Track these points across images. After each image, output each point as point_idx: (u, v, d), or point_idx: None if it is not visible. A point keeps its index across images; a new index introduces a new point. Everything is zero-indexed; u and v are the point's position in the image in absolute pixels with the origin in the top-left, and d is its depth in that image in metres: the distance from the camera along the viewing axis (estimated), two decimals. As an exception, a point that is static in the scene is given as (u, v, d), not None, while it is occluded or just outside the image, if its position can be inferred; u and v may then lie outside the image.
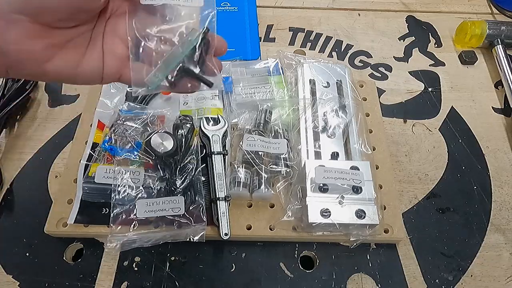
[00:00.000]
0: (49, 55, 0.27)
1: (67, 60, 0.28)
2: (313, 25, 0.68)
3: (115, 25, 0.30)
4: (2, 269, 0.43)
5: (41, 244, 0.44)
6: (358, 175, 0.43)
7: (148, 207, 0.42)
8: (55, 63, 0.28)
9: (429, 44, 0.66)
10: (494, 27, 0.62)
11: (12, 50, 0.26)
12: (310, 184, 0.44)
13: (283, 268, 0.44)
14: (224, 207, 0.43)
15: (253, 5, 0.66)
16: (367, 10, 0.70)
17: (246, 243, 0.45)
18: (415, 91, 0.60)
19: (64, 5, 0.26)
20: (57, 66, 0.28)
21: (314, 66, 0.56)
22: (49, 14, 0.26)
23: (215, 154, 0.45)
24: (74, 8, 0.26)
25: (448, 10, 0.71)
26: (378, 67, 0.63)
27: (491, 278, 0.44)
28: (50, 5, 0.25)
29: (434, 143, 0.54)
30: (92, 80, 0.30)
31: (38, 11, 0.25)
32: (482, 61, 0.64)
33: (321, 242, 0.45)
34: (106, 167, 0.44)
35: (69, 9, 0.26)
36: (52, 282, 0.42)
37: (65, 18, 0.27)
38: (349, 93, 0.53)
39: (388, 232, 0.45)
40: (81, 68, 0.29)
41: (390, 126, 0.56)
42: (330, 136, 0.50)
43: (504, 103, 0.59)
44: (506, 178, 0.52)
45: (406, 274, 0.44)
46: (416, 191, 0.50)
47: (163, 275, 0.43)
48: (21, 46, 0.26)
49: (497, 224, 0.48)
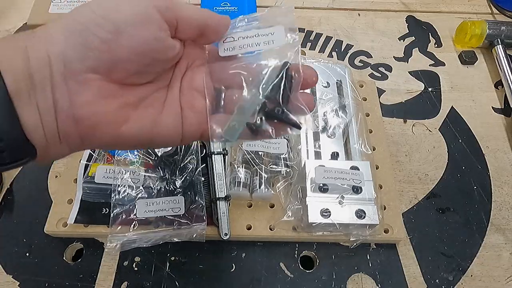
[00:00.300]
0: (124, 116, 0.25)
1: (143, 120, 0.25)
2: (313, 25, 0.68)
3: (192, 79, 0.28)
4: (2, 269, 0.43)
5: (41, 244, 0.44)
6: (358, 175, 0.43)
7: (148, 207, 0.42)
8: (131, 125, 0.25)
9: (429, 44, 0.66)
10: (494, 27, 0.62)
11: (86, 114, 0.23)
12: (310, 184, 0.44)
13: (283, 268, 0.44)
14: (224, 207, 0.43)
15: (253, 5, 0.66)
16: (367, 10, 0.70)
17: (246, 243, 0.45)
18: (415, 91, 0.60)
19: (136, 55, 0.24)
20: (133, 128, 0.25)
21: (314, 66, 0.56)
22: (122, 68, 0.24)
23: (215, 154, 0.45)
24: (147, 58, 0.24)
25: (448, 10, 0.71)
26: (378, 67, 0.63)
27: (491, 278, 0.44)
28: (123, 56, 0.23)
29: (434, 143, 0.54)
30: (171, 140, 0.28)
31: (112, 65, 0.23)
32: (482, 61, 0.64)
33: (321, 242, 0.45)
34: (106, 167, 0.44)
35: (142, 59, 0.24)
36: (52, 282, 0.42)
37: (138, 71, 0.25)
38: (349, 93, 0.53)
39: (388, 232, 0.45)
40: (158, 127, 0.26)
41: (390, 126, 0.56)
42: (330, 136, 0.50)
43: (504, 103, 0.59)
44: (506, 178, 0.52)
45: (406, 274, 0.44)
46: (416, 191, 0.50)
47: (163, 275, 0.43)
48: (95, 108, 0.23)
49: (497, 224, 0.48)
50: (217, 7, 0.65)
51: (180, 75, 0.28)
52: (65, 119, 0.23)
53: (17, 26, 0.65)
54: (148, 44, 0.24)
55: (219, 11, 0.64)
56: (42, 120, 0.22)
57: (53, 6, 0.56)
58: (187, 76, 0.28)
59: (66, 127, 0.23)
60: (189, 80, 0.28)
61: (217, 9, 0.64)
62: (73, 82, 0.22)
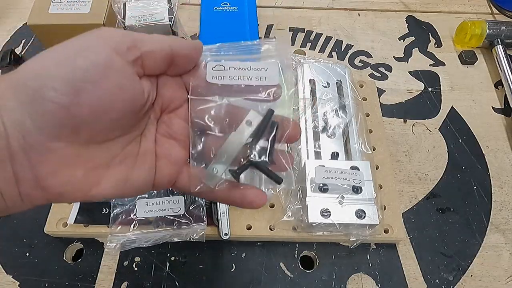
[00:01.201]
0: (94, 179, 0.22)
1: (114, 179, 0.23)
2: (313, 25, 0.68)
3: (169, 125, 0.26)
4: (2, 269, 0.43)
5: (41, 244, 0.44)
6: (358, 175, 0.43)
7: (148, 207, 0.42)
8: (101, 187, 0.23)
9: (429, 44, 0.66)
10: (494, 27, 0.62)
11: (51, 184, 0.21)
12: (310, 184, 0.44)
13: (283, 268, 0.44)
14: (224, 207, 0.43)
15: (253, 5, 0.66)
16: (367, 10, 0.70)
17: (246, 243, 0.45)
18: (415, 91, 0.60)
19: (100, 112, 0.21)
20: (104, 189, 0.23)
21: (314, 66, 0.56)
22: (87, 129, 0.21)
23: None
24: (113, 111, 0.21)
25: (448, 10, 0.71)
26: (378, 67, 0.63)
27: (491, 278, 0.44)
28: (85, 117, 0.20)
29: (434, 143, 0.54)
30: (141, 192, 0.25)
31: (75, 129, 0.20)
32: (482, 61, 0.64)
33: (321, 242, 0.45)
34: (106, 167, 0.44)
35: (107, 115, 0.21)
36: (52, 282, 0.42)
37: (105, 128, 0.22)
38: (349, 93, 0.53)
39: (388, 232, 0.45)
40: (130, 182, 0.24)
41: (390, 126, 0.56)
42: (330, 136, 0.50)
43: (504, 103, 0.59)
44: (506, 178, 0.52)
45: (406, 274, 0.44)
46: (416, 191, 0.50)
47: (163, 275, 0.43)
48: (61, 178, 0.21)
49: (497, 224, 0.48)
50: (217, 7, 0.64)
51: (154, 120, 0.26)
52: (28, 188, 0.21)
53: (17, 26, 0.65)
54: (112, 95, 0.21)
55: (219, 11, 0.64)
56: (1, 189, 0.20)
57: (53, 6, 0.56)
58: (163, 122, 0.26)
59: (30, 193, 0.21)
60: (165, 126, 0.26)
61: (217, 9, 0.64)
62: (34, 153, 0.20)
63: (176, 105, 0.26)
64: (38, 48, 0.60)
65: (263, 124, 0.25)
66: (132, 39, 0.22)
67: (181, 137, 0.26)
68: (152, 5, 0.58)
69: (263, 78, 0.25)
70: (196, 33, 0.63)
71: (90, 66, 0.20)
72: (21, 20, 0.65)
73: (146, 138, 0.25)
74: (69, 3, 0.56)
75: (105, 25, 0.55)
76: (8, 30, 0.64)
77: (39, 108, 0.19)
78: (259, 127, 0.25)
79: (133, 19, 0.56)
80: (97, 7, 0.56)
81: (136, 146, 0.25)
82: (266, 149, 0.25)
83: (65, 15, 0.55)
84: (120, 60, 0.21)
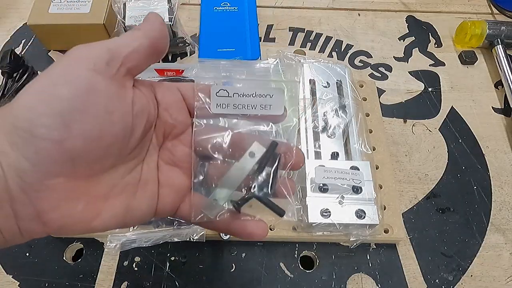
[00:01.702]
0: (94, 211, 0.22)
1: (115, 210, 0.23)
2: (313, 25, 0.68)
3: (173, 152, 0.25)
4: (2, 269, 0.43)
5: (41, 244, 0.44)
6: (358, 175, 0.43)
7: (148, 207, 0.42)
8: (102, 218, 0.22)
9: (429, 44, 0.66)
10: (494, 27, 0.62)
11: (51, 218, 0.21)
12: (310, 184, 0.44)
13: (283, 268, 0.44)
14: (224, 207, 0.43)
15: (253, 5, 0.66)
16: (367, 10, 0.70)
17: (246, 243, 0.45)
18: (415, 91, 0.60)
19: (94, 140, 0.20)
20: (104, 221, 0.22)
21: (314, 66, 0.56)
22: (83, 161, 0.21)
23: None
24: (107, 137, 0.21)
25: (448, 10, 0.71)
26: (378, 67, 0.63)
27: (491, 278, 0.44)
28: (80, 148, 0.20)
29: (434, 143, 0.54)
30: (143, 221, 0.25)
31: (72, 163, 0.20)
32: (482, 61, 0.64)
33: (321, 242, 0.45)
34: (106, 167, 0.44)
35: (102, 142, 0.21)
36: (52, 282, 0.42)
37: (101, 156, 0.21)
38: (349, 93, 0.53)
39: (388, 232, 0.45)
40: (132, 212, 0.23)
41: (390, 126, 0.56)
42: (330, 136, 0.50)
43: (504, 103, 0.59)
44: (506, 178, 0.52)
45: (406, 274, 0.44)
46: (416, 191, 0.50)
47: (163, 275, 0.43)
48: (61, 212, 0.21)
49: (497, 224, 0.48)
50: (217, 7, 0.65)
51: (157, 146, 0.25)
52: (28, 223, 0.20)
53: (17, 26, 0.65)
54: (102, 120, 0.20)
55: (219, 11, 0.64)
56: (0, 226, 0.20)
57: (53, 6, 0.56)
58: (167, 149, 0.25)
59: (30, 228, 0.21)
60: (168, 153, 0.25)
61: (217, 9, 0.64)
62: (33, 192, 0.20)
63: (180, 131, 0.26)
64: (38, 48, 0.60)
65: (266, 156, 0.25)
66: (108, 50, 0.22)
67: (184, 164, 0.25)
68: (152, 5, 0.58)
69: (268, 106, 0.25)
70: (196, 33, 0.63)
71: (73, 95, 0.20)
72: (21, 20, 0.65)
73: (148, 166, 0.25)
74: (69, 3, 0.56)
75: (105, 25, 0.55)
76: (8, 30, 0.64)
77: (32, 147, 0.19)
78: (262, 159, 0.25)
79: (133, 19, 0.57)
80: (97, 7, 0.56)
81: (137, 174, 0.24)
82: (268, 181, 0.24)
83: (65, 15, 0.55)
84: (101, 80, 0.21)
